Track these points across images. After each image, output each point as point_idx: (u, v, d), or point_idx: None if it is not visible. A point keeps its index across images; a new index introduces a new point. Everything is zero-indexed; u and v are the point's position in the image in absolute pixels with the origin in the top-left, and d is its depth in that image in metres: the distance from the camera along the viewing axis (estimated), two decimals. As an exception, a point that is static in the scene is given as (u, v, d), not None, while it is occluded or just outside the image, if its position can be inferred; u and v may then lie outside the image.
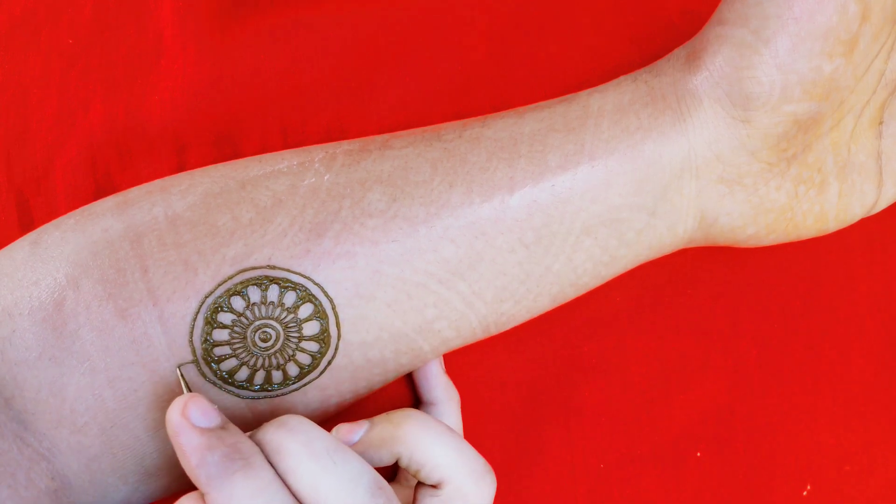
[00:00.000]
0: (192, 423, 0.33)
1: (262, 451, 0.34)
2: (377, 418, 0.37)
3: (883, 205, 0.41)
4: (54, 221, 0.39)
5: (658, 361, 0.46)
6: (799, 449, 0.47)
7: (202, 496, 0.33)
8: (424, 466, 0.36)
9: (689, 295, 0.46)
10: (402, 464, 0.36)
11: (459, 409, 0.42)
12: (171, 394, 0.37)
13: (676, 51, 0.39)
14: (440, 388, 0.42)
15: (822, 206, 0.40)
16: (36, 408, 0.37)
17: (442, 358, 0.43)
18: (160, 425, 0.37)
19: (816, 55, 0.36)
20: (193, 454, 0.33)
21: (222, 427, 0.34)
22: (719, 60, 0.37)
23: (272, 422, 0.34)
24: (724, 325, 0.46)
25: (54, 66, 0.46)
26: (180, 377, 0.36)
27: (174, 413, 0.33)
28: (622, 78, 0.40)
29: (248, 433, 0.35)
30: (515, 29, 0.46)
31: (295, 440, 0.34)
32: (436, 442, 0.36)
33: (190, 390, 0.36)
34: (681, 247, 0.41)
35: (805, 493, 0.47)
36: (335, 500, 0.33)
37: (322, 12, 0.46)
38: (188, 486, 0.40)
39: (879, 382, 0.48)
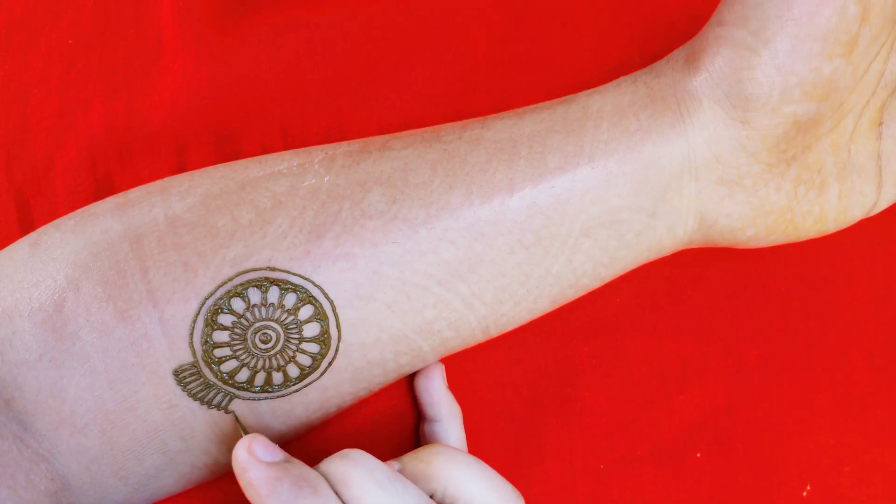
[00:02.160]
0: (259, 457, 0.35)
1: (327, 481, 0.35)
2: (406, 458, 0.38)
3: (883, 206, 0.41)
4: (54, 222, 0.39)
5: (658, 361, 0.46)
6: (799, 449, 0.47)
7: None
8: (459, 500, 0.37)
9: (689, 295, 0.46)
10: (437, 498, 0.37)
11: (462, 425, 0.43)
12: (171, 394, 0.37)
13: (676, 52, 0.39)
14: (444, 405, 0.42)
15: (821, 207, 0.40)
16: (36, 409, 0.37)
17: (444, 374, 0.43)
18: (160, 426, 0.37)
19: (816, 56, 0.36)
20: (263, 486, 0.34)
21: (287, 461, 0.36)
22: (719, 61, 0.37)
23: (334, 455, 0.36)
24: (724, 325, 0.46)
25: (54, 66, 0.46)
26: (236, 420, 0.37)
27: (241, 451, 0.35)
28: (622, 79, 0.40)
29: (313, 467, 0.36)
30: (515, 29, 0.46)
31: (359, 470, 0.35)
32: (467, 475, 0.37)
33: (247, 432, 0.37)
34: (680, 248, 0.41)
35: (805, 493, 0.47)
36: None
37: (322, 12, 0.46)
38: (187, 488, 0.40)
39: (879, 382, 0.48)
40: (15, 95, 0.46)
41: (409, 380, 0.44)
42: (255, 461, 0.35)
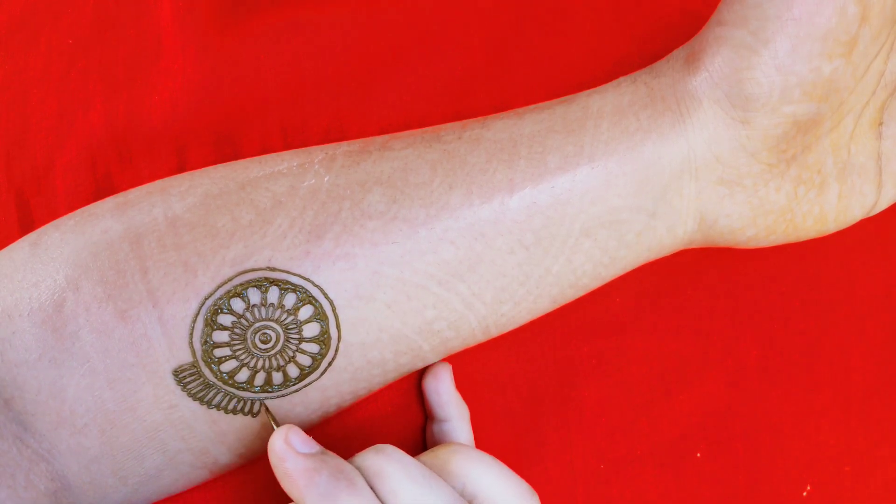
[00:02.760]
0: (296, 448, 0.36)
1: (362, 474, 0.36)
2: (423, 456, 0.38)
3: (883, 206, 0.41)
4: (54, 222, 0.39)
5: (658, 361, 0.46)
6: (799, 449, 0.47)
7: None
8: (477, 497, 0.37)
9: (689, 295, 0.46)
10: None
11: (470, 424, 0.43)
12: (170, 394, 0.37)
13: (676, 52, 0.39)
14: (453, 405, 0.42)
15: (821, 207, 0.40)
16: (36, 409, 0.37)
17: (452, 374, 0.43)
18: (160, 426, 0.37)
19: (816, 56, 0.36)
20: (301, 476, 0.35)
21: (322, 453, 0.36)
22: (718, 61, 0.37)
23: (368, 449, 0.37)
24: (724, 325, 0.46)
25: (54, 66, 0.46)
26: (267, 412, 0.38)
27: (278, 441, 0.36)
28: (621, 79, 0.40)
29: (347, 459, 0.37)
30: (515, 29, 0.46)
31: (394, 465, 0.36)
32: (485, 473, 0.37)
33: (278, 424, 0.38)
34: (680, 248, 0.41)
35: (805, 493, 0.47)
36: None
37: (322, 12, 0.46)
38: (187, 488, 0.40)
39: (879, 382, 0.48)
40: (15, 95, 0.46)
41: (410, 379, 0.44)
42: (292, 452, 0.36)
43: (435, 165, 0.38)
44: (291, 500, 0.37)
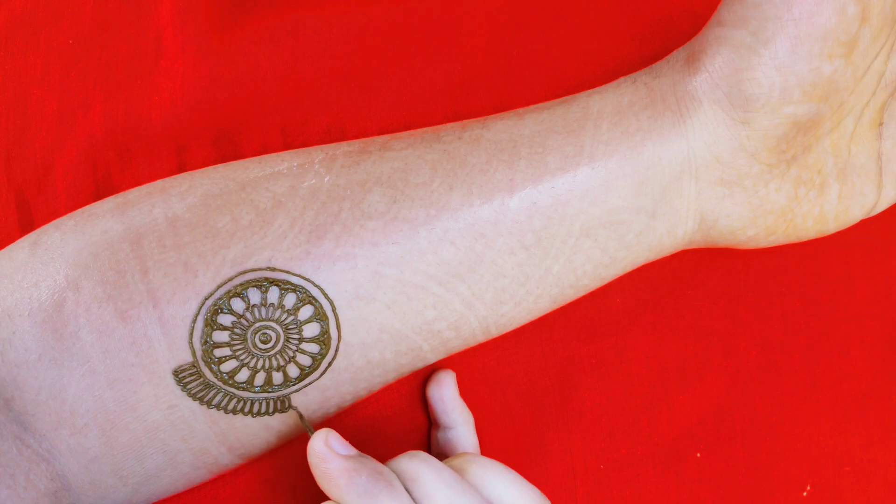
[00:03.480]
0: (335, 450, 0.37)
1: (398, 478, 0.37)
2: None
3: (883, 206, 0.41)
4: (54, 222, 0.39)
5: (658, 361, 0.46)
6: (799, 449, 0.47)
7: None
8: None
9: (688, 296, 0.46)
10: None
11: (474, 431, 0.43)
12: (170, 395, 0.37)
13: (676, 52, 0.39)
14: (457, 412, 0.43)
15: (822, 207, 0.40)
16: (36, 409, 0.37)
17: (456, 381, 0.43)
18: (160, 427, 0.37)
19: (816, 57, 0.36)
20: (341, 477, 0.36)
21: (360, 455, 0.37)
22: (718, 62, 0.37)
23: (404, 454, 0.38)
24: (724, 325, 0.46)
25: (54, 66, 0.46)
26: (301, 418, 0.38)
27: (319, 443, 0.37)
28: (621, 79, 0.40)
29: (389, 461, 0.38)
30: (515, 29, 0.46)
31: (430, 470, 0.37)
32: (500, 481, 0.38)
33: (311, 427, 0.38)
34: (681, 248, 0.41)
35: (805, 493, 0.47)
36: None
37: (322, 12, 0.46)
38: (187, 488, 0.40)
39: (879, 382, 0.48)
40: (15, 95, 0.46)
41: (411, 383, 0.44)
42: (332, 453, 0.36)
43: (435, 166, 0.38)
44: (326, 501, 0.37)
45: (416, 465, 0.37)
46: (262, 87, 0.45)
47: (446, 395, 0.43)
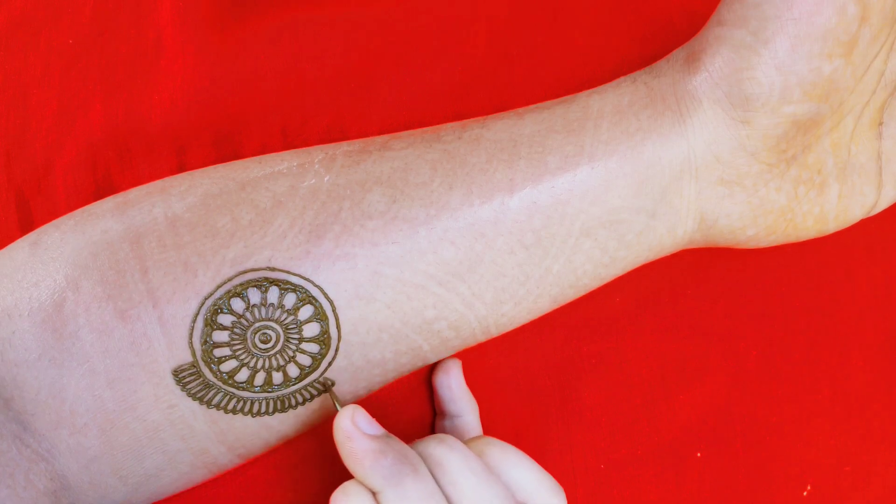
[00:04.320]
0: (362, 428, 0.37)
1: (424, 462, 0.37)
2: None
3: (883, 206, 0.41)
4: (54, 222, 0.39)
5: (658, 361, 0.46)
6: (799, 449, 0.47)
7: (369, 493, 0.36)
8: (509, 488, 0.38)
9: (688, 295, 0.46)
10: None
11: (479, 419, 0.43)
12: (170, 394, 0.37)
13: (675, 52, 0.39)
14: (464, 400, 0.43)
15: (821, 207, 0.40)
16: (35, 409, 0.37)
17: (461, 369, 0.43)
18: (159, 426, 0.37)
19: (816, 56, 0.36)
20: (367, 457, 0.36)
21: (387, 436, 0.37)
22: (718, 61, 0.37)
23: (431, 437, 0.38)
24: (724, 325, 0.46)
25: (54, 66, 0.46)
26: (331, 394, 0.38)
27: (345, 421, 0.37)
28: (621, 79, 0.40)
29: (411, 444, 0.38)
30: (515, 29, 0.46)
31: (456, 456, 0.37)
32: (517, 465, 0.38)
33: (342, 404, 0.38)
34: (681, 248, 0.41)
35: (805, 493, 0.47)
36: None
37: (322, 12, 0.46)
38: (187, 487, 0.40)
39: (879, 382, 0.48)
40: (15, 95, 0.46)
41: (413, 377, 0.44)
42: (359, 432, 0.36)
43: (435, 165, 0.38)
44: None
45: (443, 450, 0.37)
46: (263, 87, 0.45)
47: (453, 384, 0.43)
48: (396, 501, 0.35)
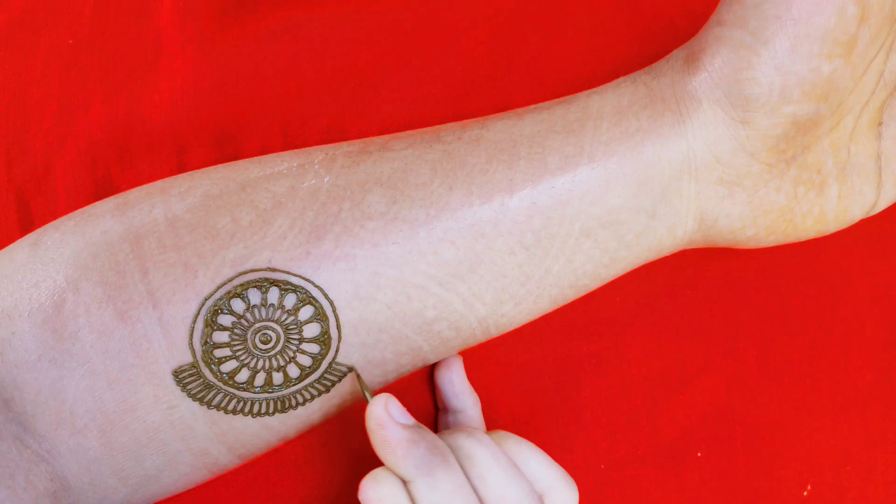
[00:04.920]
0: (395, 418, 0.37)
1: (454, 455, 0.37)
2: None
3: (882, 206, 0.41)
4: (54, 223, 0.39)
5: (658, 361, 0.46)
6: (799, 449, 0.47)
7: (399, 482, 0.36)
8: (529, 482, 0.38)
9: (688, 296, 0.46)
10: None
11: (481, 413, 0.43)
12: (170, 395, 0.37)
13: (675, 52, 0.39)
14: (466, 395, 0.43)
15: (821, 207, 0.40)
16: (35, 409, 0.37)
17: (463, 365, 0.43)
18: (160, 427, 0.37)
19: (815, 56, 0.36)
20: (399, 445, 0.36)
21: (418, 426, 0.37)
22: (718, 62, 0.37)
23: (460, 430, 0.38)
24: (724, 325, 0.46)
25: (54, 66, 0.46)
26: (358, 380, 0.38)
27: (378, 409, 0.37)
28: (621, 79, 0.39)
29: (438, 435, 0.38)
30: (515, 29, 0.46)
31: (485, 451, 0.37)
32: (532, 458, 0.39)
33: (370, 392, 0.38)
34: (681, 248, 0.41)
35: (805, 493, 0.47)
36: None
37: (322, 12, 0.46)
38: (187, 488, 0.40)
39: (879, 382, 0.48)
40: (15, 95, 0.46)
41: (415, 374, 0.44)
42: (392, 421, 0.37)
43: (435, 166, 0.38)
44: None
45: (472, 444, 0.37)
46: (263, 87, 0.45)
47: (455, 379, 0.43)
48: (427, 491, 0.36)
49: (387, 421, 0.37)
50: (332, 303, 0.37)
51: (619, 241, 0.39)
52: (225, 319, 0.36)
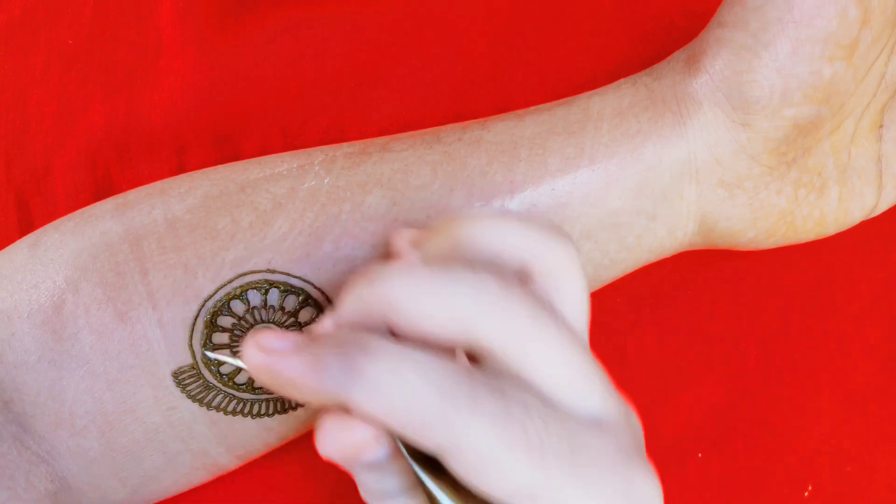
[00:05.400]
0: (279, 350, 0.29)
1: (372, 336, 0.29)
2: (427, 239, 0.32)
3: (883, 208, 0.41)
4: (53, 223, 0.39)
5: (658, 362, 0.46)
6: (799, 449, 0.47)
7: (344, 410, 0.29)
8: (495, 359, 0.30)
9: (689, 296, 0.46)
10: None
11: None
12: (170, 396, 0.37)
13: (676, 54, 0.39)
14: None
15: (822, 209, 0.40)
16: (35, 410, 0.37)
17: None
18: (159, 428, 0.37)
19: (816, 59, 0.36)
20: (307, 373, 0.28)
21: (307, 337, 0.30)
22: (719, 64, 0.37)
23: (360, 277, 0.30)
24: (724, 325, 0.46)
25: (54, 66, 0.46)
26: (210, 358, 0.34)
27: (253, 352, 0.29)
28: (621, 81, 0.39)
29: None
30: (515, 29, 0.46)
31: (403, 284, 0.29)
32: (490, 234, 0.31)
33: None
34: (681, 250, 0.41)
35: (806, 493, 0.47)
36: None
37: (322, 12, 0.46)
38: (186, 489, 0.40)
39: (880, 382, 0.48)
40: (15, 96, 0.46)
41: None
42: (277, 357, 0.29)
43: (435, 167, 0.38)
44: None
45: (385, 289, 0.29)
46: (263, 88, 0.45)
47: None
48: (370, 395, 0.28)
49: (274, 362, 0.29)
50: (333, 304, 0.37)
51: (619, 242, 0.39)
52: (225, 321, 0.36)
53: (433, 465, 0.29)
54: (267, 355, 0.29)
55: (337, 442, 0.29)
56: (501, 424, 0.27)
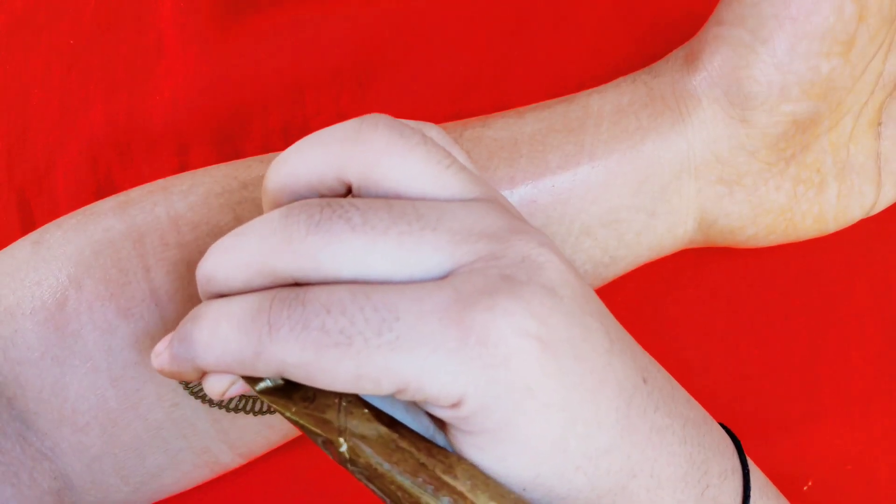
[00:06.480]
0: (157, 351, 0.29)
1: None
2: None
3: (882, 206, 0.41)
4: (56, 221, 0.39)
5: (658, 361, 0.46)
6: (800, 449, 0.47)
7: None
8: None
9: (689, 295, 0.46)
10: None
11: None
12: (172, 393, 0.37)
13: (675, 51, 0.39)
14: None
15: (821, 206, 0.40)
16: (38, 407, 0.37)
17: None
18: (162, 425, 0.37)
19: (814, 55, 0.36)
20: (170, 362, 0.28)
21: (191, 315, 0.28)
22: (717, 60, 0.37)
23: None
24: (724, 325, 0.46)
25: (55, 66, 0.46)
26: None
27: (160, 359, 0.29)
28: (621, 79, 0.40)
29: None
30: (516, 29, 0.46)
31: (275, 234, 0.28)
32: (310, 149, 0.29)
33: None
34: (681, 248, 0.41)
35: (805, 488, 0.47)
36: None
37: (322, 11, 0.46)
38: (189, 487, 0.40)
39: (880, 381, 0.48)
40: (16, 95, 0.46)
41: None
42: (156, 359, 0.29)
43: (436, 164, 0.38)
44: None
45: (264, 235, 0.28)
46: (264, 86, 0.45)
47: None
48: (203, 355, 0.27)
49: (157, 365, 0.29)
50: None
51: (618, 240, 0.39)
52: (227, 317, 0.36)
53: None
54: (153, 361, 0.29)
55: (211, 392, 0.29)
56: (301, 336, 0.26)
